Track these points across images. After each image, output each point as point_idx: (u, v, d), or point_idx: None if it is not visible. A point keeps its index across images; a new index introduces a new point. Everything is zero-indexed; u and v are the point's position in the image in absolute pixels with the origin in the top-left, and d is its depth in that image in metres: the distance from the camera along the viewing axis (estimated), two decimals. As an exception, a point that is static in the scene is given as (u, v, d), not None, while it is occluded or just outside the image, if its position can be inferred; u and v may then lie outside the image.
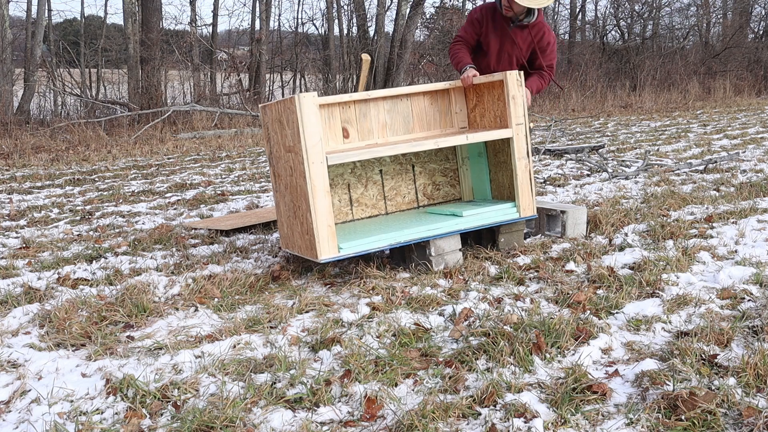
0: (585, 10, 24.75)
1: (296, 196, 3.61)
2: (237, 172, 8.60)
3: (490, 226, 3.96)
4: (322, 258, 3.49)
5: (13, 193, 7.63)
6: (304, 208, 3.53)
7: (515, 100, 3.87)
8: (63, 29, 22.48)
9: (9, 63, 15.62)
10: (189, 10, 22.34)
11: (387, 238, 3.64)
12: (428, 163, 4.41)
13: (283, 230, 3.90)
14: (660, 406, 2.11)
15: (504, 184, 4.23)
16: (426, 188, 4.42)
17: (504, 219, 3.98)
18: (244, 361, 2.63)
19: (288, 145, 3.59)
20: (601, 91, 19.11)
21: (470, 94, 4.25)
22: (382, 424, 2.14)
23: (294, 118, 3.44)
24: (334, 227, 3.50)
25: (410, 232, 3.69)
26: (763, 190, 5.27)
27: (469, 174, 4.49)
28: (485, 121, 4.18)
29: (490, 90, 4.07)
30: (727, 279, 3.25)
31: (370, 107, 4.05)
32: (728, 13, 25.83)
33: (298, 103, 3.38)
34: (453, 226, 3.79)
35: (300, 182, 3.52)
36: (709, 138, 9.54)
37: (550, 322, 2.74)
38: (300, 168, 3.48)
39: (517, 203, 4.00)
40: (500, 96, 3.98)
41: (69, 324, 3.07)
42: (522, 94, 3.91)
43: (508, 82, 3.85)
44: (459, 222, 3.83)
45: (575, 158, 7.54)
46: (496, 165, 4.26)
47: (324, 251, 3.49)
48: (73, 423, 2.24)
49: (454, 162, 4.50)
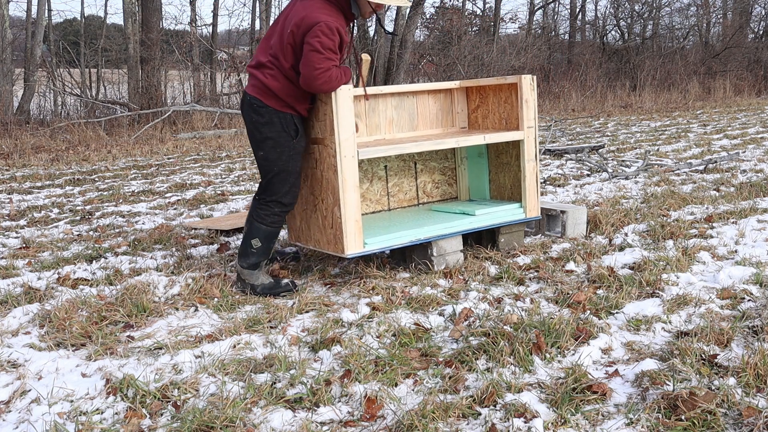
0: (585, 10, 24.76)
1: (320, 189, 3.58)
2: (237, 172, 8.61)
3: (500, 225, 4.02)
4: (348, 253, 3.47)
5: (13, 193, 7.63)
6: (331, 201, 3.50)
7: (528, 104, 3.93)
8: (63, 29, 22.47)
9: (9, 63, 15.62)
10: (189, 10, 22.35)
11: (408, 234, 3.67)
12: (429, 161, 4.44)
13: (295, 223, 3.87)
14: (660, 406, 2.11)
15: (505, 185, 4.26)
16: (426, 186, 4.45)
17: (511, 219, 4.03)
18: (244, 361, 2.63)
19: (314, 136, 3.56)
20: (601, 91, 19.10)
21: (473, 95, 4.29)
22: (382, 424, 2.14)
23: (327, 110, 3.41)
24: (361, 222, 3.53)
25: (429, 230, 3.74)
26: (763, 190, 5.27)
27: (466, 174, 4.52)
28: (488, 122, 4.21)
29: (497, 92, 4.11)
30: (727, 279, 3.25)
31: (379, 103, 4.09)
32: (728, 13, 25.84)
33: (334, 95, 3.35)
34: (467, 225, 3.86)
35: (328, 175, 3.49)
36: (709, 138, 9.54)
37: (550, 322, 2.74)
38: (329, 161, 3.45)
39: (523, 204, 4.06)
40: (507, 98, 4.05)
41: (69, 324, 3.07)
42: (534, 98, 3.96)
43: (523, 85, 3.90)
44: (473, 221, 3.89)
45: (575, 158, 7.54)
46: (498, 166, 4.29)
47: (351, 246, 3.46)
48: (73, 423, 2.24)
49: (453, 161, 4.52)
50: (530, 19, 22.78)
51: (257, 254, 3.49)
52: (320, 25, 3.20)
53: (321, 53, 3.22)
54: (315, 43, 3.21)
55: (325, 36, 3.21)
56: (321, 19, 3.22)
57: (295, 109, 3.41)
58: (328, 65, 3.23)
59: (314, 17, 3.23)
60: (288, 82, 3.36)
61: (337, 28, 3.24)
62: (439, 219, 3.89)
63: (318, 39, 3.21)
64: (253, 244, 3.47)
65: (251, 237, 3.49)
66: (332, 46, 3.24)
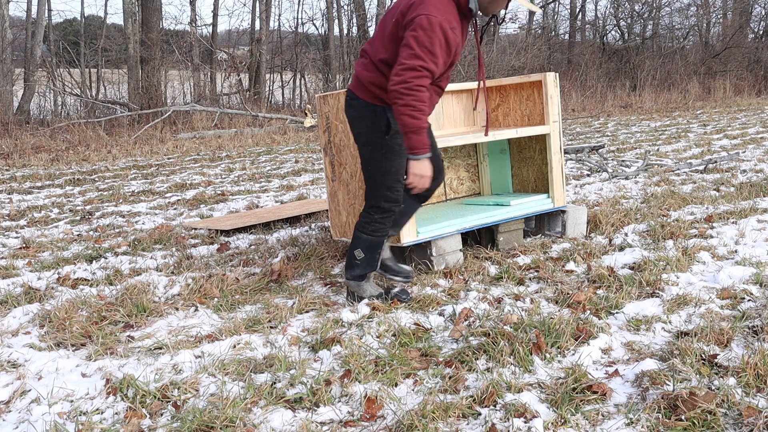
0: (585, 10, 24.76)
1: None
2: (237, 172, 8.61)
3: (532, 215, 4.25)
4: (405, 241, 3.62)
5: (13, 193, 7.63)
6: None
7: (552, 99, 4.16)
8: (63, 29, 22.48)
9: (9, 63, 15.62)
10: (189, 10, 22.35)
11: (455, 224, 3.84)
12: (454, 159, 4.62)
13: (341, 219, 3.97)
14: (660, 406, 2.11)
15: (529, 178, 4.48)
16: (452, 182, 4.65)
17: (542, 209, 4.22)
18: (244, 361, 2.63)
19: None
20: (601, 91, 19.11)
21: (492, 95, 4.56)
22: (382, 424, 2.14)
23: None
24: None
25: (473, 219, 3.92)
26: (763, 190, 5.27)
27: (488, 170, 4.74)
28: (509, 120, 4.46)
29: (518, 90, 4.37)
30: (727, 279, 3.25)
31: None
32: (728, 13, 25.84)
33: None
34: (504, 215, 4.06)
35: None
36: (709, 138, 9.54)
37: (550, 322, 2.75)
38: None
39: (551, 194, 4.25)
40: (529, 96, 4.31)
41: (69, 324, 3.07)
42: (558, 94, 4.14)
43: (547, 82, 4.13)
44: (509, 210, 4.08)
45: (575, 158, 7.54)
46: (520, 161, 4.51)
47: (406, 235, 3.62)
48: (73, 423, 2.24)
49: (475, 159, 4.75)
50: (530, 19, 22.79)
51: (361, 265, 3.25)
52: (420, 18, 2.83)
53: (411, 49, 2.83)
54: (409, 37, 2.84)
55: (423, 31, 2.82)
56: (424, 11, 2.84)
57: (386, 103, 3.03)
58: (413, 63, 2.82)
59: (418, 9, 2.87)
60: (378, 72, 3.03)
61: (440, 24, 2.83)
62: (476, 210, 4.06)
63: (413, 33, 2.83)
64: (356, 255, 3.25)
65: (354, 248, 3.26)
66: (428, 44, 2.83)
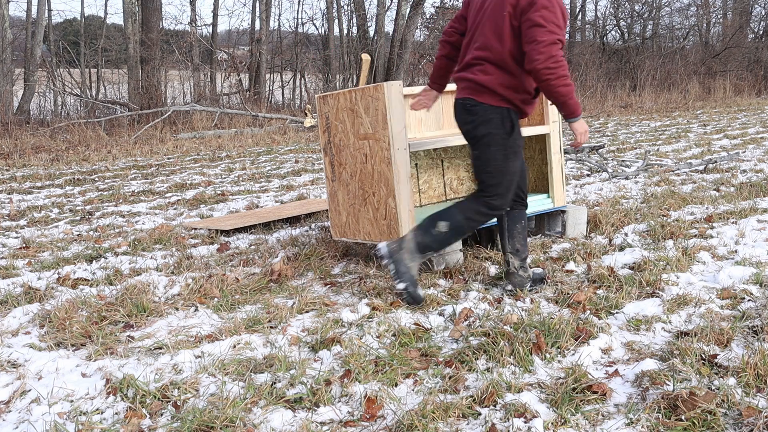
0: (585, 10, 24.77)
1: (370, 182, 3.73)
2: (237, 172, 8.61)
3: (532, 215, 4.29)
4: None
5: (13, 193, 7.63)
6: (384, 194, 3.64)
7: None
8: (63, 29, 22.49)
9: (9, 63, 15.62)
10: (189, 10, 22.35)
11: None
12: (455, 159, 4.63)
13: (341, 219, 3.98)
14: (660, 406, 2.11)
15: (528, 178, 4.47)
16: (452, 182, 4.65)
17: (542, 209, 4.23)
18: (244, 361, 2.63)
19: (363, 132, 3.70)
20: (601, 91, 19.12)
21: None
22: (382, 424, 2.14)
23: (379, 105, 3.56)
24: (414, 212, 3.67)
25: None
26: (763, 190, 5.27)
27: None
28: None
29: None
30: (727, 279, 3.25)
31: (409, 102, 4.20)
32: (728, 13, 25.86)
33: (387, 91, 3.50)
34: None
35: (380, 168, 3.64)
36: (709, 138, 9.54)
37: (550, 322, 2.75)
38: (382, 154, 3.61)
39: (551, 194, 4.25)
40: None
41: (69, 324, 3.07)
42: None
43: None
44: None
45: (575, 158, 7.54)
46: None
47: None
48: (73, 423, 2.24)
49: None
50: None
51: (433, 239, 3.19)
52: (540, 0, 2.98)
53: (543, 26, 2.95)
54: (536, 18, 2.96)
55: (546, 9, 2.96)
56: None
57: (512, 102, 3.13)
58: (552, 38, 2.95)
59: None
60: (504, 72, 3.10)
61: (558, 0, 3.02)
62: None
63: (539, 13, 2.96)
64: (440, 226, 3.17)
65: (441, 218, 3.18)
66: (555, 19, 2.97)
